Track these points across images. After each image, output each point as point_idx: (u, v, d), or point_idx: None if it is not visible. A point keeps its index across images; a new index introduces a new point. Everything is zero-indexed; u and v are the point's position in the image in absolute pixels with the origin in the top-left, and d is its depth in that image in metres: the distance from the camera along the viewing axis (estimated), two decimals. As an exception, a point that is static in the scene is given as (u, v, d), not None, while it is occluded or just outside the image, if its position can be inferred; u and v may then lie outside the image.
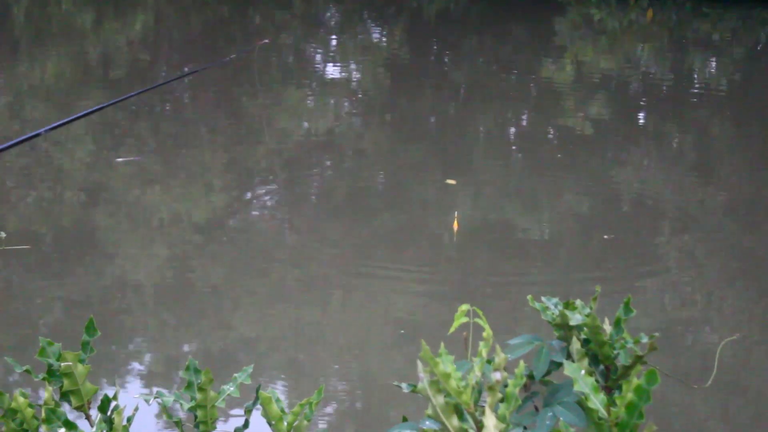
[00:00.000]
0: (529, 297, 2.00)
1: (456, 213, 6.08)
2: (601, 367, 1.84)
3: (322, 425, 4.03)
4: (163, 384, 4.33)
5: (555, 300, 1.96)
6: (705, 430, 4.16)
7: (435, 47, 13.23)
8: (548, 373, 1.87)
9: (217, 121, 8.70)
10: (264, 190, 7.04)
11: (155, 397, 2.04)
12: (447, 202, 6.58)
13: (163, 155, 7.69)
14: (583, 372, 1.64)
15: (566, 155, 7.94)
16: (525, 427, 1.70)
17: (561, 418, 1.71)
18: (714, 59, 12.44)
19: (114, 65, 10.96)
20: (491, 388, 1.57)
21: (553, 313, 1.92)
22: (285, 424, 1.93)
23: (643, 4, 15.29)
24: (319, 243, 5.96)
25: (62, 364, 1.88)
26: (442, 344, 1.57)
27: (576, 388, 1.63)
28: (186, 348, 4.62)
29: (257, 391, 1.96)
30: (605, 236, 6.10)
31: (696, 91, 10.77)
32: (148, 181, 6.89)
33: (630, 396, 1.55)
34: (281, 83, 10.31)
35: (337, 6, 15.80)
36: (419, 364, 1.56)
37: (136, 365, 4.48)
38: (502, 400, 1.59)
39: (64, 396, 1.91)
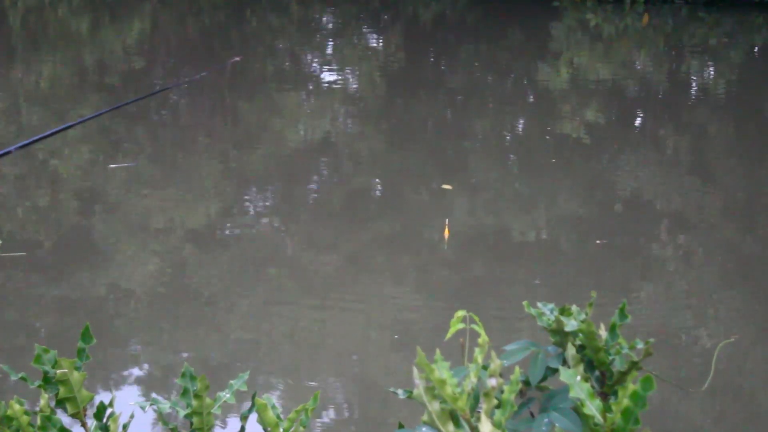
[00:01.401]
0: (524, 303, 1.99)
1: (447, 220, 6.07)
2: (597, 372, 1.83)
3: None
4: (159, 391, 4.32)
5: (551, 306, 1.96)
6: (702, 435, 4.16)
7: (431, 52, 13.24)
8: (544, 379, 1.87)
9: (212, 128, 8.70)
10: (260, 197, 7.04)
11: (151, 404, 2.04)
12: (443, 208, 6.59)
13: (157, 161, 7.69)
14: (578, 378, 1.64)
15: (562, 160, 7.94)
16: (521, 433, 1.70)
17: (557, 425, 1.71)
18: (710, 63, 12.47)
19: (110, 72, 10.96)
20: (487, 395, 1.56)
21: (548, 319, 1.92)
22: (281, 430, 1.92)
23: (639, 8, 15.31)
24: (314, 249, 5.96)
25: (58, 371, 1.88)
26: (438, 351, 1.57)
27: (572, 394, 1.63)
28: (182, 355, 4.62)
29: (253, 397, 1.96)
30: (597, 241, 6.11)
31: (692, 95, 10.79)
32: (143, 187, 6.89)
33: (626, 402, 1.55)
34: (276, 89, 10.31)
35: (334, 11, 15.82)
36: (415, 370, 1.56)
37: (132, 372, 4.47)
38: (497, 407, 1.59)
39: (60, 403, 1.90)
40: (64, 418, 1.88)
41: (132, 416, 1.96)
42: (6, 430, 1.82)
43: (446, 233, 5.96)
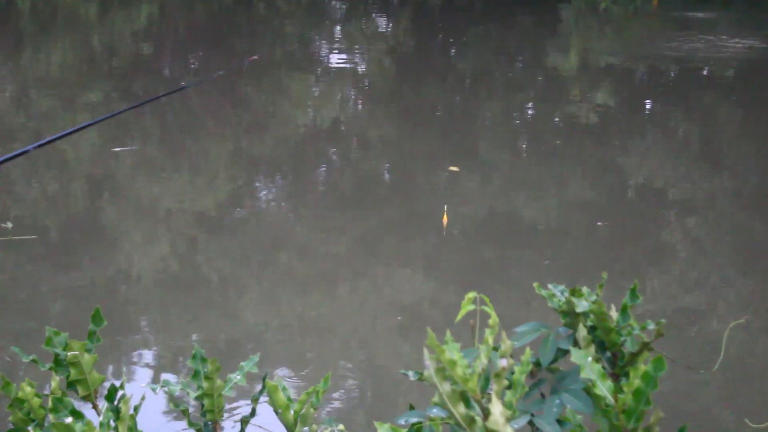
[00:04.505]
0: (535, 284, 1.99)
1: (445, 207, 6.02)
2: (608, 353, 1.83)
3: (328, 414, 4.03)
4: (170, 373, 4.34)
5: (561, 287, 1.95)
6: (712, 415, 4.16)
7: (440, 36, 13.20)
8: (555, 360, 1.86)
9: (221, 113, 8.70)
10: (269, 180, 7.04)
11: (162, 386, 2.04)
12: (451, 190, 6.58)
13: (166, 146, 7.69)
14: (589, 359, 1.64)
15: (571, 143, 7.92)
16: (532, 414, 1.70)
17: (568, 405, 1.70)
18: (721, 45, 12.40)
19: (119, 56, 10.95)
20: (498, 376, 1.56)
21: (559, 300, 1.91)
22: (292, 412, 1.93)
23: (649, -9, 15.24)
24: (324, 232, 5.96)
25: (69, 353, 1.88)
26: (448, 332, 1.57)
27: (583, 375, 1.62)
28: (193, 337, 4.63)
29: (264, 379, 1.96)
30: (599, 222, 6.09)
31: (702, 78, 10.74)
32: (153, 171, 6.89)
33: (637, 383, 1.55)
34: (285, 73, 10.30)
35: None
36: (426, 352, 1.55)
37: (142, 354, 4.48)
38: (508, 388, 1.59)
39: (71, 385, 1.91)
40: (75, 401, 1.88)
41: (143, 398, 1.96)
42: (17, 412, 1.82)
43: (445, 219, 5.92)
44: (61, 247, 5.67)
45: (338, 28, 13.62)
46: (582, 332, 1.82)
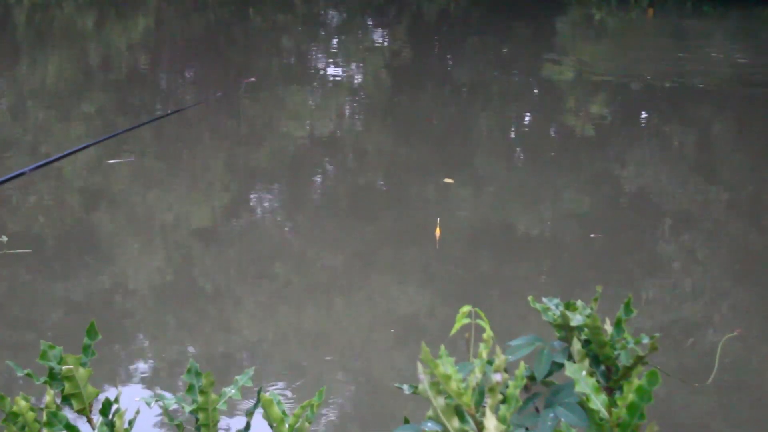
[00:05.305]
0: (530, 298, 1.99)
1: (438, 219, 6.02)
2: (603, 367, 1.83)
3: (323, 427, 4.03)
4: (165, 387, 4.33)
5: (556, 300, 1.96)
6: (707, 428, 4.16)
7: (436, 47, 13.23)
8: (549, 374, 1.86)
9: (217, 123, 8.70)
10: (265, 192, 7.04)
11: (157, 400, 2.04)
12: (445, 202, 6.58)
13: (161, 158, 7.68)
14: (584, 373, 1.64)
15: (566, 155, 7.93)
16: (526, 429, 1.70)
17: (562, 419, 1.71)
18: (715, 57, 12.43)
19: (116, 68, 10.96)
20: (492, 390, 1.56)
21: (554, 314, 1.91)
22: (286, 426, 1.92)
23: (644, 3, 15.27)
24: (319, 244, 5.96)
25: (63, 367, 1.88)
26: (443, 346, 1.57)
27: (577, 388, 1.63)
28: (187, 351, 4.63)
29: (258, 393, 1.96)
30: (591, 235, 6.09)
31: (697, 90, 10.75)
32: (149, 183, 6.89)
33: (631, 396, 1.55)
34: (283, 85, 10.31)
35: (338, 7, 15.80)
36: (420, 366, 1.55)
37: (137, 368, 4.48)
38: (503, 402, 1.59)
39: (66, 399, 1.90)
40: (69, 415, 1.88)
41: (138, 412, 1.96)
42: (12, 426, 1.82)
43: (437, 233, 5.91)
44: (55, 260, 5.67)
45: (335, 39, 13.64)
46: (576, 346, 1.82)
